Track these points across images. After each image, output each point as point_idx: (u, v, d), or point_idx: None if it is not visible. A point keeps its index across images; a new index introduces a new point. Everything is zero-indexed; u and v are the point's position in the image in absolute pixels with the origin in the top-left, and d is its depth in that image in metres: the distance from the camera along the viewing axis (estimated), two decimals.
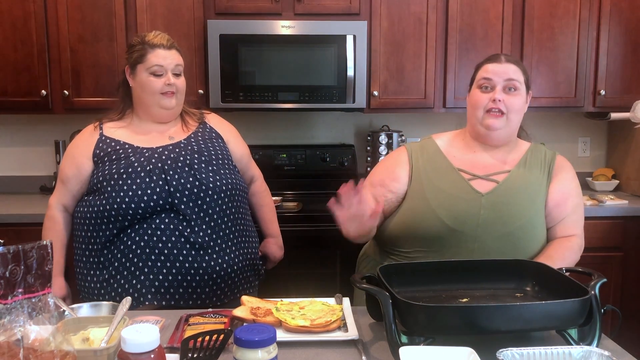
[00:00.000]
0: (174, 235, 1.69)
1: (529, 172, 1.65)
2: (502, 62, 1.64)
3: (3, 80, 2.80)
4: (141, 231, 1.70)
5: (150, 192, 1.69)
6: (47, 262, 0.91)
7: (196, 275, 1.70)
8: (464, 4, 2.88)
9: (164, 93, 1.78)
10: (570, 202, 1.65)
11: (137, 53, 1.79)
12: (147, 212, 1.69)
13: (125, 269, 1.69)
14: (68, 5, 2.77)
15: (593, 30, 2.94)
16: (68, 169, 1.82)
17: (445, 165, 1.67)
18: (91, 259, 1.76)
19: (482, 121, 1.64)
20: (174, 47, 1.82)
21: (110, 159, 1.77)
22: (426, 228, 1.59)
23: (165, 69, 1.77)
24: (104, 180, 1.73)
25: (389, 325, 1.12)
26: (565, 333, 1.17)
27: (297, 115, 3.27)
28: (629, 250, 2.76)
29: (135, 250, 1.69)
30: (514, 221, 1.57)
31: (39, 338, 0.89)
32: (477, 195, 1.60)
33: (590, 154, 3.39)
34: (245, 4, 2.82)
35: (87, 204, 1.76)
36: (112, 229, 1.71)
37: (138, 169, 1.72)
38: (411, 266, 1.41)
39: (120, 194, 1.69)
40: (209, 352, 1.05)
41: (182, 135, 1.85)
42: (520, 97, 1.64)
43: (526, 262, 1.42)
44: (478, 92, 1.66)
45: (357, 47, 2.79)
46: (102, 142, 1.81)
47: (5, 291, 0.86)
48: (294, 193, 3.02)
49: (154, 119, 1.83)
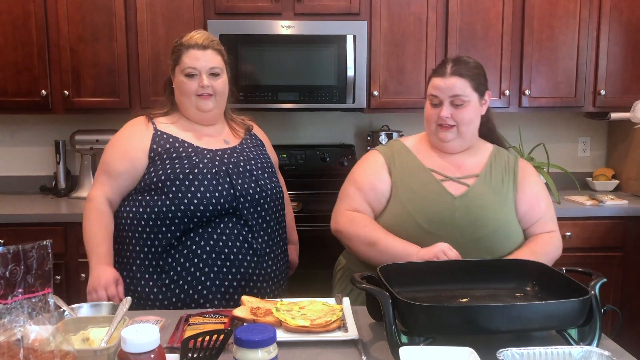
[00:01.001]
0: (238, 241, 1.66)
1: (495, 176, 1.69)
2: (447, 76, 1.64)
3: (3, 80, 2.80)
4: (206, 235, 1.64)
5: (218, 195, 1.64)
6: (47, 262, 0.91)
7: (257, 281, 1.70)
8: (464, 4, 2.88)
9: (199, 95, 1.72)
10: (543, 203, 1.71)
11: (175, 54, 1.75)
12: (213, 215, 1.64)
13: (189, 273, 1.64)
14: (68, 5, 2.77)
15: (593, 30, 2.94)
16: (119, 163, 1.71)
17: (416, 165, 1.70)
18: (147, 262, 1.67)
19: (435, 134, 1.69)
20: (210, 47, 1.74)
21: (170, 156, 1.69)
22: (404, 232, 1.61)
23: (198, 71, 1.71)
24: (167, 180, 1.65)
25: (389, 325, 1.12)
26: (565, 333, 1.17)
27: (297, 115, 3.27)
28: (629, 250, 2.76)
29: (200, 254, 1.64)
30: (488, 225, 1.60)
31: (39, 338, 0.89)
32: (450, 198, 1.63)
33: (590, 154, 3.39)
34: (245, 4, 2.82)
35: (144, 204, 1.67)
36: (174, 232, 1.64)
37: (204, 170, 1.67)
38: (411, 266, 1.41)
39: (187, 194, 1.63)
40: (209, 352, 1.05)
41: (234, 140, 1.83)
42: (468, 108, 1.65)
43: (526, 262, 1.42)
44: (429, 106, 1.70)
45: (357, 47, 2.79)
46: (159, 137, 1.72)
47: (5, 291, 0.86)
48: (294, 193, 3.01)
49: (195, 121, 1.78)
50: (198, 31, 1.77)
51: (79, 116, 3.07)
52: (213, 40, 1.76)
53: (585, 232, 2.74)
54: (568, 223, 2.72)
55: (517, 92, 2.95)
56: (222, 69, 1.76)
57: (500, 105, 2.96)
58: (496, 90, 2.94)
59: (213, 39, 1.76)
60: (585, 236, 2.74)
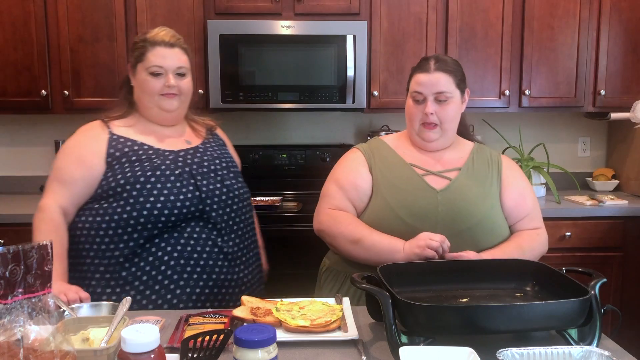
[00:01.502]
0: (208, 245, 1.59)
1: (478, 170, 1.69)
2: (431, 72, 1.64)
3: (3, 80, 2.80)
4: (172, 241, 1.56)
5: (183, 198, 1.56)
6: (47, 262, 0.91)
7: (229, 287, 1.65)
8: (464, 4, 2.88)
9: (164, 94, 1.64)
10: (529, 199, 1.71)
11: (137, 51, 1.66)
12: (179, 219, 1.56)
13: (156, 282, 1.55)
14: (68, 5, 2.77)
15: (593, 30, 2.94)
16: (75, 169, 1.60)
17: (397, 161, 1.70)
18: (108, 274, 1.56)
19: (418, 133, 1.69)
20: (178, 45, 1.67)
21: (129, 160, 1.60)
22: (388, 227, 1.59)
23: (165, 70, 1.64)
24: (127, 184, 1.55)
25: (389, 325, 1.12)
26: (565, 333, 1.17)
27: (297, 115, 3.27)
28: (629, 250, 2.76)
29: (167, 261, 1.55)
30: (471, 218, 1.60)
31: (39, 338, 0.89)
32: (433, 192, 1.63)
33: (590, 154, 3.39)
34: (245, 4, 2.82)
35: (101, 212, 1.56)
36: (137, 239, 1.54)
37: (167, 172, 1.58)
38: (411, 266, 1.41)
39: (149, 199, 1.54)
40: (209, 352, 1.05)
41: (196, 140, 1.75)
42: (452, 104, 1.66)
43: (526, 262, 1.42)
44: (412, 104, 1.69)
45: (357, 47, 2.79)
46: (115, 141, 1.63)
47: (5, 291, 0.86)
48: (294, 193, 3.02)
49: (156, 121, 1.70)
50: (163, 28, 1.70)
51: (79, 116, 3.06)
52: (180, 39, 1.69)
53: (585, 232, 2.74)
54: (568, 223, 2.72)
55: (517, 92, 2.95)
56: (187, 69, 1.69)
57: (500, 105, 2.96)
58: (496, 90, 2.94)
59: (179, 37, 1.69)
60: (585, 236, 2.74)
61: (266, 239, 2.54)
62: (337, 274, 1.72)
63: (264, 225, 2.58)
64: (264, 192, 2.93)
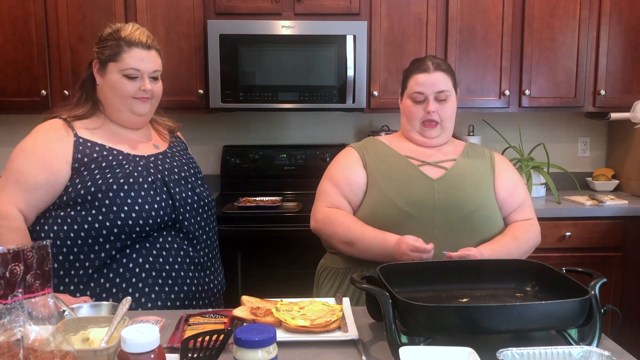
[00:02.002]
0: (180, 255, 1.55)
1: (472, 161, 1.73)
2: (431, 72, 1.69)
3: (3, 80, 2.80)
4: (144, 251, 1.50)
5: (157, 207, 1.51)
6: (47, 262, 0.91)
7: (200, 298, 1.62)
8: (464, 4, 2.88)
9: (137, 97, 1.57)
10: (521, 190, 1.75)
11: (110, 50, 1.55)
12: (152, 229, 1.50)
13: (126, 294, 1.48)
14: (68, 5, 2.77)
15: (593, 30, 2.94)
16: (39, 174, 1.48)
17: (392, 154, 1.73)
18: (73, 286, 1.49)
19: (420, 132, 1.72)
20: (153, 47, 1.59)
21: (99, 165, 1.51)
22: (385, 217, 1.61)
23: (141, 73, 1.56)
24: (98, 192, 1.47)
25: (389, 325, 1.12)
26: (565, 333, 1.17)
27: (297, 115, 3.27)
28: (629, 250, 2.76)
29: (139, 273, 1.50)
30: (468, 205, 1.62)
31: (39, 338, 0.89)
32: (429, 181, 1.65)
33: (590, 154, 3.39)
34: (245, 4, 2.82)
35: (69, 220, 1.48)
36: (109, 250, 1.48)
37: (140, 179, 1.52)
38: (411, 266, 1.41)
39: (123, 207, 1.47)
40: (209, 352, 1.05)
41: (163, 144, 1.69)
42: (451, 102, 1.72)
43: (526, 262, 1.42)
44: (411, 104, 1.72)
45: (357, 47, 2.79)
46: (82, 145, 1.53)
47: (5, 291, 0.86)
48: (294, 193, 3.02)
49: (124, 124, 1.62)
50: (135, 25, 1.60)
51: None
52: (154, 39, 1.61)
53: (585, 232, 2.74)
54: (568, 223, 2.72)
55: (517, 92, 2.95)
56: (160, 72, 1.63)
57: (500, 105, 2.96)
58: (496, 90, 2.94)
59: (153, 38, 1.62)
60: (585, 236, 2.74)
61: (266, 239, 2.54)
62: (336, 272, 1.72)
63: (264, 225, 2.59)
64: (264, 192, 2.93)
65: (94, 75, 1.60)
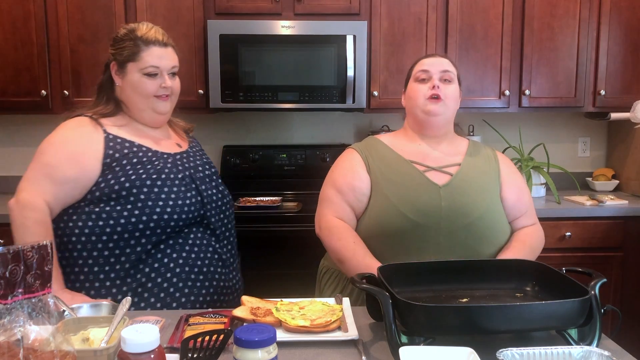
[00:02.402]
0: (209, 252, 1.59)
1: (477, 163, 1.71)
2: (436, 57, 1.74)
3: (3, 80, 2.80)
4: (177, 247, 1.53)
5: (188, 203, 1.54)
6: (47, 262, 0.91)
7: (225, 293, 1.65)
8: (464, 4, 2.88)
9: (158, 96, 1.59)
10: (527, 194, 1.74)
11: (128, 50, 1.57)
12: (185, 224, 1.53)
13: (161, 289, 1.52)
14: (68, 5, 2.77)
15: (593, 30, 2.94)
16: (68, 168, 1.50)
17: (395, 158, 1.69)
18: (109, 282, 1.50)
19: (423, 108, 1.68)
20: (169, 44, 1.61)
21: (131, 162, 1.53)
22: (391, 225, 1.59)
23: (161, 70, 1.58)
24: (132, 187, 1.49)
25: (389, 325, 1.12)
26: (565, 333, 1.17)
27: (297, 115, 3.27)
28: (629, 250, 2.76)
29: (173, 268, 1.52)
30: (474, 211, 1.60)
31: (39, 338, 0.89)
32: (435, 187, 1.62)
33: (590, 154, 3.39)
34: (245, 4, 2.82)
35: (104, 216, 1.48)
36: (144, 245, 1.49)
37: (171, 176, 1.54)
38: (411, 266, 1.41)
39: (158, 202, 1.49)
40: (209, 352, 1.05)
41: (184, 143, 1.73)
42: (455, 87, 1.72)
43: (526, 262, 1.42)
44: (416, 84, 1.71)
45: (357, 47, 2.79)
46: (112, 141, 1.55)
47: (5, 291, 0.86)
48: (294, 193, 3.02)
49: (147, 123, 1.64)
50: (148, 24, 1.62)
51: None
52: (169, 37, 1.63)
53: (585, 232, 2.74)
54: (568, 223, 2.72)
55: (517, 92, 2.96)
56: (177, 68, 1.65)
57: (500, 105, 2.96)
58: (496, 90, 2.94)
59: (168, 35, 1.63)
60: (585, 236, 2.74)
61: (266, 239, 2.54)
62: (339, 274, 1.72)
63: (264, 225, 2.59)
64: (264, 192, 2.94)
65: (111, 76, 1.62)
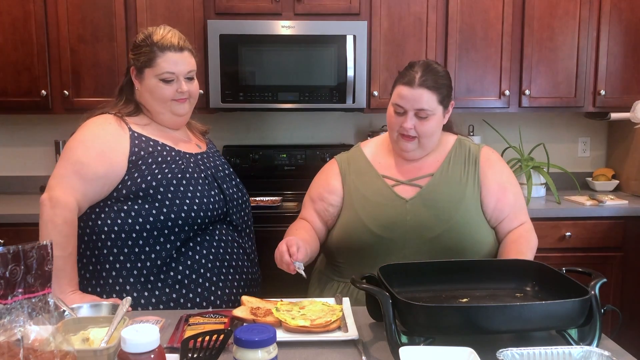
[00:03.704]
0: (235, 247, 1.65)
1: (452, 172, 1.66)
2: (415, 87, 1.57)
3: (3, 80, 2.80)
4: (205, 243, 1.58)
5: (213, 201, 1.59)
6: (47, 262, 0.91)
7: (252, 286, 1.72)
8: (464, 4, 2.88)
9: (175, 99, 1.62)
10: (509, 193, 1.66)
11: (144, 56, 1.59)
12: (210, 221, 1.58)
13: (197, 285, 1.56)
14: (68, 5, 2.77)
15: (593, 30, 2.94)
16: (99, 165, 1.51)
17: (370, 173, 1.71)
18: (143, 278, 1.52)
19: (397, 141, 1.67)
20: (186, 48, 1.62)
21: (156, 160, 1.56)
22: (358, 239, 1.62)
23: (176, 75, 1.59)
24: (159, 185, 1.52)
25: (389, 325, 1.12)
26: (565, 333, 1.17)
27: (297, 115, 3.27)
28: (629, 250, 2.76)
29: (205, 264, 1.57)
30: (441, 225, 1.58)
31: (39, 338, 0.89)
32: (402, 202, 1.63)
33: (590, 154, 3.39)
34: (245, 4, 2.82)
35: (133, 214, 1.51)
36: (173, 242, 1.52)
37: (194, 175, 1.59)
38: (411, 266, 1.41)
39: (185, 200, 1.53)
40: (209, 352, 1.05)
41: (203, 144, 1.78)
42: (432, 120, 1.62)
43: (526, 262, 1.42)
44: (392, 112, 1.65)
45: (357, 47, 2.79)
46: (137, 139, 1.57)
47: (5, 291, 0.86)
48: (294, 193, 3.02)
49: (167, 125, 1.67)
50: (166, 28, 1.63)
51: (78, 116, 3.07)
52: (186, 40, 1.64)
53: (585, 232, 2.74)
54: (568, 223, 2.72)
55: (517, 92, 2.95)
56: (195, 72, 1.67)
57: (500, 105, 2.96)
58: (496, 90, 2.94)
59: (185, 39, 1.65)
60: (585, 236, 2.74)
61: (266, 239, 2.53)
62: (325, 278, 1.74)
63: (264, 225, 2.59)
64: (264, 192, 2.93)
65: (132, 80, 1.65)
